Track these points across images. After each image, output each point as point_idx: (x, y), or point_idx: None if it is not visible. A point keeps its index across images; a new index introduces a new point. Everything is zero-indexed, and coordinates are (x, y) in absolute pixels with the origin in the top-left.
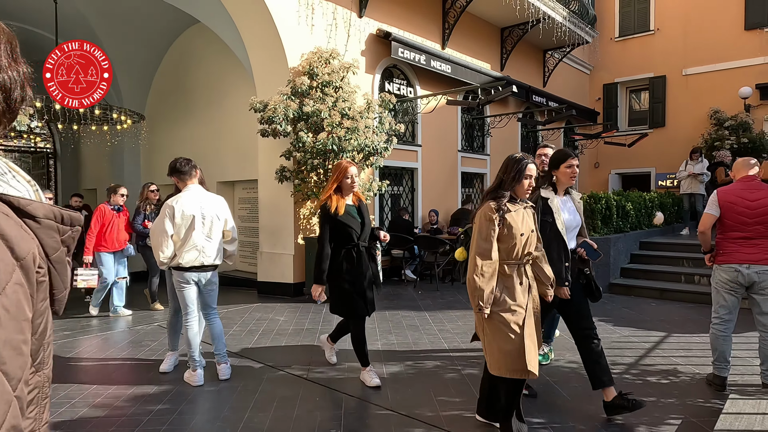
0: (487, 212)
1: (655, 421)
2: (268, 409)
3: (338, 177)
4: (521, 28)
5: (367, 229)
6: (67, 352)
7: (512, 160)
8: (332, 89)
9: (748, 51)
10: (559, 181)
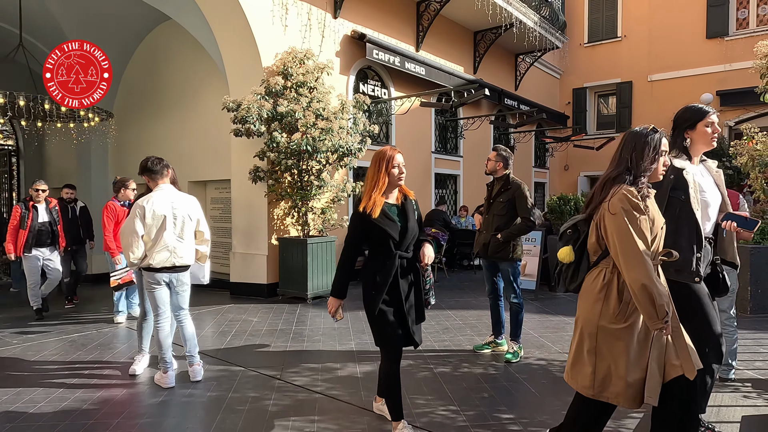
0: (632, 200)
1: (618, 415)
2: (240, 410)
3: (386, 167)
4: (494, 32)
5: (411, 235)
6: (32, 355)
7: (641, 135)
8: (307, 90)
9: (709, 59)
10: (694, 146)
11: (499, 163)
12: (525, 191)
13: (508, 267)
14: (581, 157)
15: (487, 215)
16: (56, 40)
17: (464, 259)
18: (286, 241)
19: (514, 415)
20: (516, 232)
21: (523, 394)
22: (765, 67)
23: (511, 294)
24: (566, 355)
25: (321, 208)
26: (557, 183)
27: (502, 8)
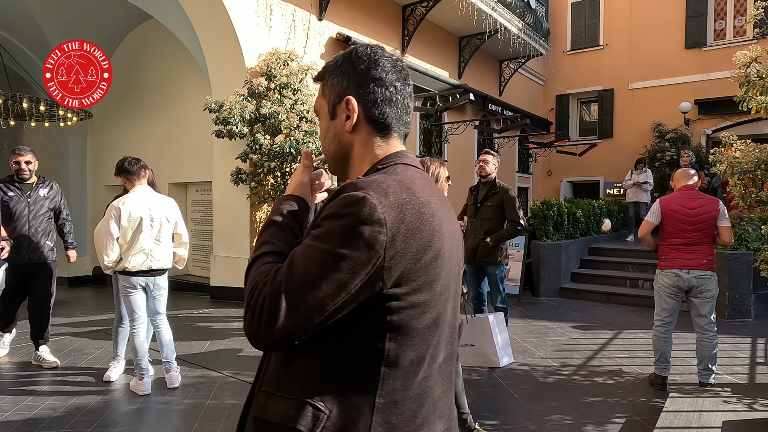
0: None
1: (601, 420)
2: (218, 417)
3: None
4: (479, 38)
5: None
6: (0, 360)
7: None
8: (290, 91)
9: (687, 68)
10: None
11: (496, 167)
12: (513, 195)
13: (495, 271)
14: (564, 162)
15: (474, 219)
16: (34, 38)
17: None
18: None
19: (497, 421)
20: (506, 236)
21: (507, 400)
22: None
23: (498, 298)
24: (549, 360)
25: None
26: (540, 188)
27: (487, 14)
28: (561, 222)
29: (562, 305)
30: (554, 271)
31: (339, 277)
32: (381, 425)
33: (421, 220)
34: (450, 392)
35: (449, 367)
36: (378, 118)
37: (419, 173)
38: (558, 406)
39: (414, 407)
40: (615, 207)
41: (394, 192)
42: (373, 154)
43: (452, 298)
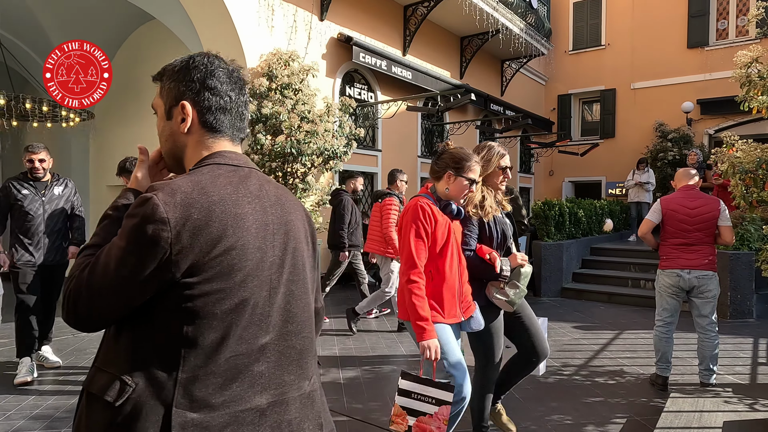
0: None
1: (602, 420)
2: None
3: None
4: (480, 38)
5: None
6: (2, 359)
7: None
8: (292, 92)
9: (690, 68)
10: None
11: None
12: (518, 195)
13: None
14: (566, 162)
15: None
16: (36, 38)
17: None
18: None
19: None
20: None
21: (507, 400)
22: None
23: None
24: (551, 360)
25: None
26: (542, 188)
27: (489, 14)
28: (563, 222)
29: (564, 305)
30: (556, 271)
31: (130, 270)
32: (184, 397)
33: (210, 217)
34: (285, 368)
35: (280, 346)
36: (211, 123)
37: (230, 172)
38: (559, 406)
39: (220, 381)
40: (617, 207)
41: (182, 192)
42: (200, 155)
43: (273, 285)
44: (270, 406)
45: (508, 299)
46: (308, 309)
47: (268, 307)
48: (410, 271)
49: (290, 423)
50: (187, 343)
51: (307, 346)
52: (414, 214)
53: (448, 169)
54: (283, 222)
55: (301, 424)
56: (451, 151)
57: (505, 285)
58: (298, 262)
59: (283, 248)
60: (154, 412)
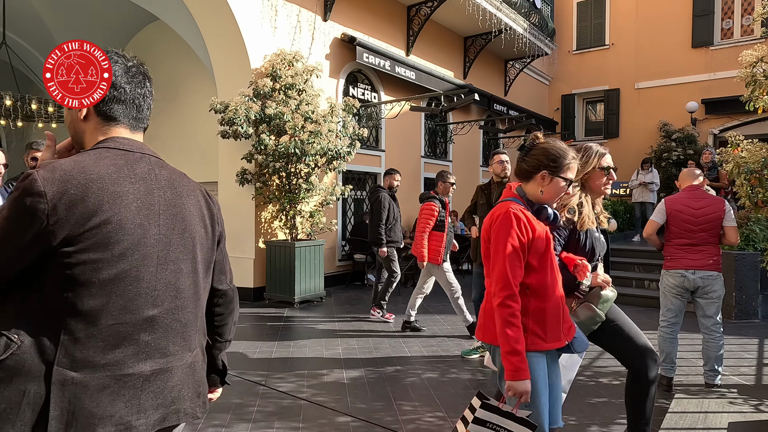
0: None
1: (607, 421)
2: (223, 417)
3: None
4: (484, 37)
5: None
6: None
7: None
8: (295, 92)
9: (694, 68)
10: None
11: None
12: None
13: None
14: None
15: None
16: (41, 39)
17: (453, 263)
18: (273, 244)
19: None
20: None
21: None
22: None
23: None
24: None
25: (309, 212)
26: None
27: (492, 14)
28: None
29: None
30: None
31: (13, 237)
32: (65, 357)
33: (86, 193)
34: (171, 340)
35: (167, 319)
36: (105, 112)
37: (118, 155)
38: (562, 407)
39: (102, 345)
40: (621, 207)
41: (62, 170)
42: (96, 139)
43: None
44: (154, 374)
45: (578, 321)
46: (196, 286)
47: (155, 281)
48: (503, 294)
49: (171, 390)
50: (68, 308)
51: (191, 320)
52: (506, 224)
53: (543, 169)
54: (172, 204)
55: (181, 391)
56: (544, 146)
57: (578, 306)
58: (188, 242)
59: (171, 227)
60: (36, 368)
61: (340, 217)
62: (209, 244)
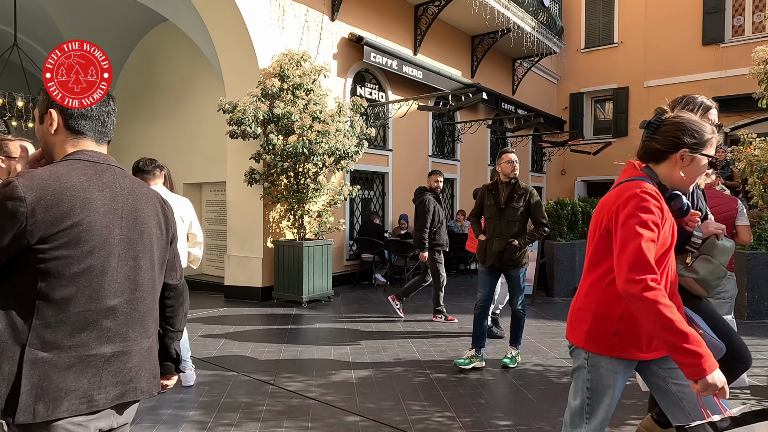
0: None
1: (617, 421)
2: (233, 416)
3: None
4: (491, 36)
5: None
6: None
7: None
8: (303, 92)
9: (705, 66)
10: None
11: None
12: (538, 196)
13: (519, 273)
14: (578, 162)
15: (498, 221)
16: (52, 41)
17: (461, 263)
18: (281, 244)
19: (511, 422)
20: (537, 239)
21: (520, 401)
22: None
23: (519, 300)
24: (563, 361)
25: (317, 211)
26: (554, 188)
27: (500, 13)
28: (575, 221)
29: None
30: (568, 270)
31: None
32: (36, 339)
33: (61, 198)
34: (130, 326)
35: (127, 308)
36: (74, 127)
37: (87, 166)
38: None
39: (70, 329)
40: None
41: (39, 178)
42: (66, 151)
43: (121, 258)
44: (114, 355)
45: (698, 277)
46: (153, 280)
47: (116, 275)
48: (645, 276)
49: (130, 370)
50: (41, 297)
51: (149, 311)
52: (641, 203)
53: (682, 147)
54: (133, 209)
55: (139, 372)
56: (679, 120)
57: (694, 259)
58: (146, 241)
59: (131, 229)
60: (10, 349)
61: (348, 217)
62: (164, 244)
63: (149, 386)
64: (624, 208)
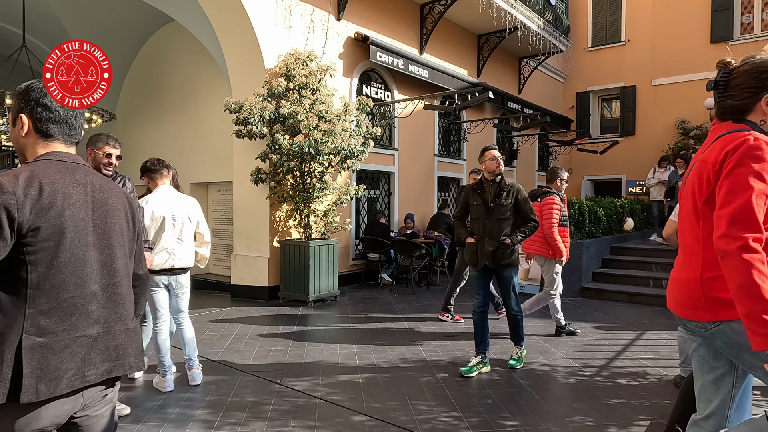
0: None
1: (625, 422)
2: (239, 415)
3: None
4: (497, 35)
5: None
6: None
7: None
8: (309, 91)
9: (713, 64)
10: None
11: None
12: (524, 191)
13: (513, 273)
14: (585, 161)
15: (487, 221)
16: (60, 41)
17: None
18: (287, 243)
19: (518, 422)
20: (529, 234)
21: (527, 401)
22: None
23: (514, 302)
24: (571, 361)
25: (323, 211)
26: None
27: (506, 12)
28: (582, 221)
29: (584, 305)
30: (575, 270)
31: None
32: (32, 326)
33: (43, 193)
34: (112, 309)
35: (108, 293)
36: (43, 130)
37: (59, 165)
38: (580, 408)
39: (62, 315)
40: (638, 206)
41: (23, 176)
42: (37, 153)
43: (97, 247)
44: (100, 335)
45: None
46: (127, 268)
47: (95, 263)
48: (745, 234)
49: (116, 348)
50: (33, 286)
51: (127, 294)
52: (754, 151)
53: (764, 91)
54: (104, 203)
55: (126, 349)
56: (753, 63)
57: None
58: (117, 233)
59: (104, 221)
60: (9, 337)
61: (354, 217)
62: (131, 236)
63: (137, 362)
64: (733, 154)
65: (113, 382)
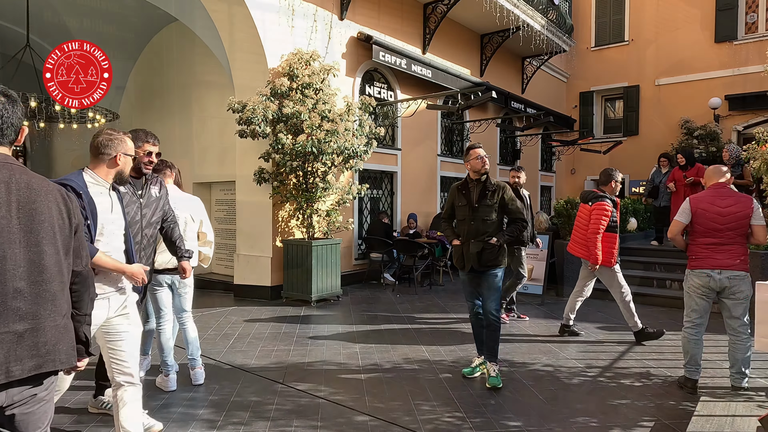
0: None
1: (629, 423)
2: (242, 415)
3: None
4: (501, 35)
5: None
6: None
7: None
8: (312, 91)
9: (717, 63)
10: None
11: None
12: (511, 191)
13: (499, 274)
14: (588, 161)
15: (472, 222)
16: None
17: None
18: (290, 243)
19: (521, 423)
20: (517, 233)
21: (531, 401)
22: None
23: (494, 306)
24: (574, 361)
25: (326, 211)
26: (564, 187)
27: (509, 11)
28: None
29: (587, 305)
30: (578, 270)
31: None
32: None
33: None
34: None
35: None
36: None
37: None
38: (583, 408)
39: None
40: (641, 206)
41: None
42: None
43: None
44: (27, 331)
45: None
46: (59, 264)
47: (19, 260)
48: None
49: (45, 344)
50: None
51: (59, 291)
52: None
53: None
54: (31, 200)
55: (56, 345)
56: None
57: None
58: (47, 230)
59: (30, 219)
60: None
61: (357, 216)
62: (67, 233)
63: (68, 357)
64: None
65: (41, 380)
